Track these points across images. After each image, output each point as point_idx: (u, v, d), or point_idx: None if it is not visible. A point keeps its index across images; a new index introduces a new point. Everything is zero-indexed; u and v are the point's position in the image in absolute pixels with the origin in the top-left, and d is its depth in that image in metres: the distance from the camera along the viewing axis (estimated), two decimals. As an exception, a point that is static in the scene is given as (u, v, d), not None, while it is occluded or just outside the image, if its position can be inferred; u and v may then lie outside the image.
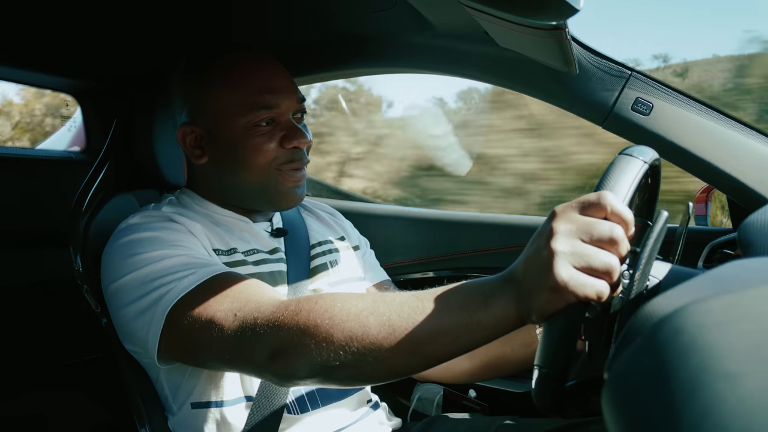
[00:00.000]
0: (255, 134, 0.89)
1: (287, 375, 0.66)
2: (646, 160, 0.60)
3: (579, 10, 0.62)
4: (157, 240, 0.81)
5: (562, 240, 0.52)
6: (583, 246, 0.52)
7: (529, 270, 0.55)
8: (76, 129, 1.64)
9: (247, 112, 0.88)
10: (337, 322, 0.62)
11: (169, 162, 1.12)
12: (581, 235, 0.52)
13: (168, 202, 0.96)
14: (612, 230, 0.52)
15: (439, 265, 1.48)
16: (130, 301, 0.79)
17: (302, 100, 0.95)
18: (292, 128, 0.91)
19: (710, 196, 1.31)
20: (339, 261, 1.04)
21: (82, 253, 0.95)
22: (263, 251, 0.94)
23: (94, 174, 1.07)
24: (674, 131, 1.02)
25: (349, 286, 1.02)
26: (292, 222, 1.04)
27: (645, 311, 0.44)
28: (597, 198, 0.53)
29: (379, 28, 1.16)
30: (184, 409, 0.88)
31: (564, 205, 0.55)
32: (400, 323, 0.59)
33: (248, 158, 0.90)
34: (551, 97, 1.11)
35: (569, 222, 0.53)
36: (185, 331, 0.74)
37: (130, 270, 0.79)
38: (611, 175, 0.58)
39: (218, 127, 0.91)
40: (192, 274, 0.76)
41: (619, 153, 0.61)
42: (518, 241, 1.41)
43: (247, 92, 0.88)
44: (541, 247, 0.54)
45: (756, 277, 0.41)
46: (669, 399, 0.32)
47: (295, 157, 0.92)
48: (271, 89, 0.89)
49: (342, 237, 1.10)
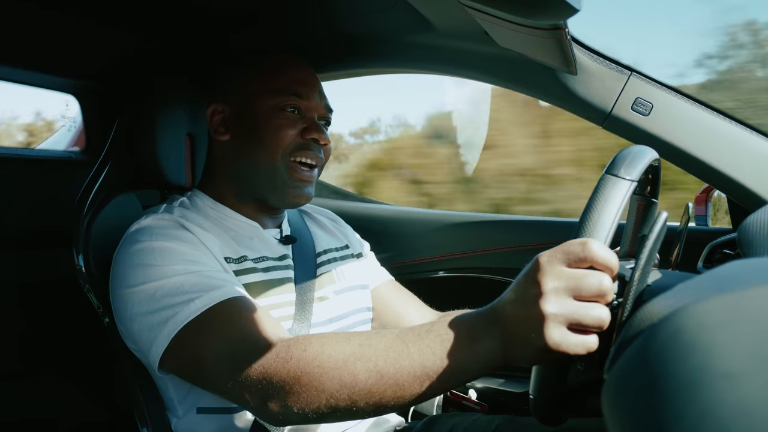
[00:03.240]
0: (280, 116, 0.94)
1: (280, 419, 0.69)
2: (633, 178, 0.57)
3: (579, 10, 0.62)
4: (168, 252, 0.81)
5: (552, 301, 0.53)
6: (573, 306, 0.53)
7: (519, 325, 0.55)
8: (76, 129, 1.64)
9: (280, 94, 0.94)
10: (327, 370, 0.64)
11: (170, 162, 1.12)
12: (570, 292, 0.53)
13: (180, 203, 0.96)
14: (600, 284, 0.53)
15: (444, 264, 1.48)
16: (136, 314, 0.80)
17: (329, 109, 1.00)
18: (315, 124, 0.96)
19: (710, 196, 1.31)
20: (343, 269, 1.05)
21: (84, 252, 0.95)
22: (272, 258, 0.95)
23: (96, 174, 1.08)
24: (674, 131, 1.02)
25: (353, 294, 1.03)
26: (299, 230, 1.05)
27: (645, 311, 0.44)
28: (582, 250, 0.53)
29: (379, 28, 1.16)
30: (190, 413, 0.88)
31: (548, 256, 0.55)
32: (387, 369, 0.62)
33: (268, 138, 0.93)
34: (551, 97, 1.11)
35: (556, 278, 0.53)
36: (186, 358, 0.77)
37: (140, 282, 0.80)
38: (594, 210, 0.56)
39: (249, 105, 0.95)
40: (198, 297, 0.77)
41: (605, 171, 0.58)
42: (521, 242, 1.41)
43: (284, 79, 0.95)
44: (530, 302, 0.54)
45: (756, 277, 0.41)
46: (669, 399, 0.32)
47: (311, 147, 0.95)
48: (304, 83, 0.96)
49: (345, 245, 1.12)
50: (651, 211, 0.82)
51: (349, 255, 1.09)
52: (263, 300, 0.88)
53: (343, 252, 1.09)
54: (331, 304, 0.97)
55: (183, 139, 1.14)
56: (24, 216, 1.30)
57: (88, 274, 0.95)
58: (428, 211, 1.62)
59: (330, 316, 0.96)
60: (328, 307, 0.96)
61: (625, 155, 0.59)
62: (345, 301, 1.00)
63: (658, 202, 0.77)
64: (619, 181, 0.56)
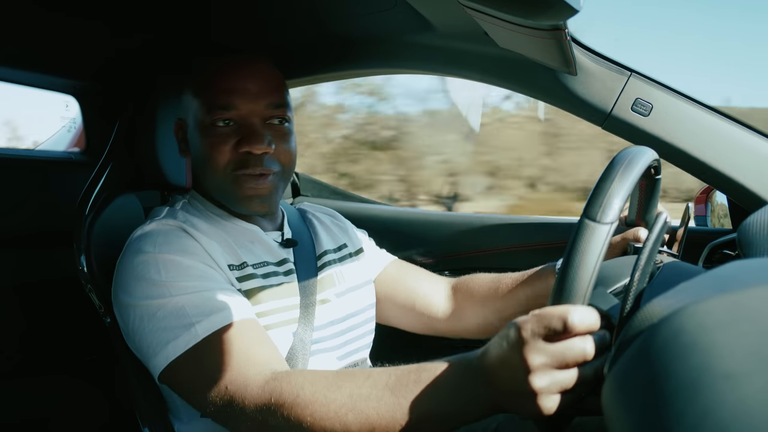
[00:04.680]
0: (213, 134, 0.89)
1: None
2: (612, 220, 0.56)
3: (579, 10, 0.62)
4: (172, 266, 0.81)
5: (541, 377, 0.54)
6: (561, 376, 0.55)
7: (511, 394, 0.57)
8: (76, 129, 1.64)
9: (208, 111, 0.89)
10: (317, 420, 0.66)
11: (171, 162, 1.12)
12: (557, 365, 0.55)
13: (181, 206, 0.95)
14: (584, 350, 0.54)
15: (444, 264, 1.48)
16: (137, 329, 0.80)
17: (275, 105, 0.91)
18: (251, 133, 0.89)
19: (710, 196, 1.31)
20: (343, 270, 1.04)
21: (86, 253, 0.96)
22: (272, 263, 0.94)
23: (97, 174, 1.08)
24: (674, 131, 1.02)
25: (354, 295, 1.03)
26: (299, 232, 1.04)
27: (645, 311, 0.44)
28: (562, 326, 0.54)
29: (379, 28, 1.16)
30: (195, 418, 0.88)
31: (530, 332, 0.55)
32: (379, 422, 0.64)
33: (207, 156, 0.90)
34: (551, 97, 1.11)
35: (542, 355, 0.55)
36: (181, 383, 0.79)
37: (143, 297, 0.80)
38: (572, 266, 0.55)
39: (192, 123, 0.94)
40: (199, 323, 0.77)
41: (583, 215, 0.56)
42: (522, 242, 1.41)
43: (211, 92, 0.90)
44: (519, 378, 0.55)
45: (756, 278, 0.41)
46: (669, 399, 0.32)
47: (249, 162, 0.89)
48: (232, 91, 0.89)
49: (344, 244, 1.11)
50: (655, 186, 0.83)
51: (348, 254, 1.09)
52: (265, 305, 0.88)
53: (343, 252, 1.09)
54: (333, 306, 0.97)
55: None
56: (24, 216, 1.30)
57: (89, 274, 0.95)
58: (428, 211, 1.63)
59: (332, 319, 0.96)
60: (329, 309, 0.96)
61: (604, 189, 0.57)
62: (346, 303, 1.00)
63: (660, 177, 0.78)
64: (597, 227, 0.55)
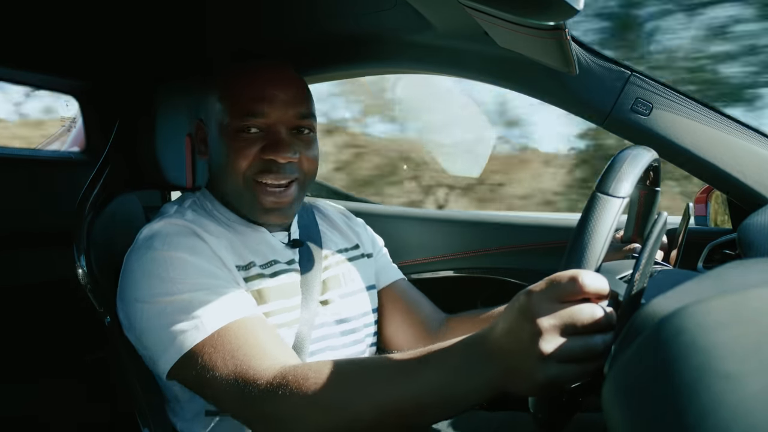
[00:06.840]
0: (240, 138, 0.90)
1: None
2: (624, 194, 0.56)
3: (579, 10, 0.62)
4: (181, 264, 0.81)
5: (549, 340, 0.53)
6: (570, 342, 0.53)
7: (516, 362, 0.56)
8: (75, 129, 1.64)
9: (239, 117, 0.90)
10: (328, 409, 0.67)
11: (171, 162, 1.12)
12: (566, 329, 0.53)
13: (190, 205, 0.96)
14: (593, 315, 0.53)
15: (444, 264, 1.48)
16: (146, 327, 0.81)
17: (303, 115, 0.93)
18: (277, 140, 0.90)
19: (710, 196, 1.31)
20: (351, 272, 1.04)
21: (86, 252, 0.96)
22: (279, 263, 0.95)
23: (97, 174, 1.08)
24: (674, 131, 1.02)
25: (358, 298, 1.03)
26: (308, 232, 1.04)
27: (646, 311, 0.44)
28: (573, 286, 0.53)
29: (379, 28, 1.16)
30: (197, 416, 0.88)
31: (540, 292, 0.55)
32: (388, 405, 0.64)
33: (230, 160, 0.91)
34: (551, 97, 1.11)
35: (551, 317, 0.54)
36: (192, 377, 0.78)
37: (151, 294, 0.80)
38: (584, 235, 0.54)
39: (217, 127, 0.93)
40: (207, 319, 0.78)
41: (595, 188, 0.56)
42: (522, 242, 1.41)
43: (242, 99, 0.91)
44: (526, 340, 0.54)
45: (756, 278, 0.41)
46: (670, 399, 0.32)
47: (271, 169, 0.90)
48: (263, 98, 0.90)
49: (356, 245, 1.10)
50: (654, 198, 0.81)
51: (358, 255, 1.09)
52: (270, 305, 0.88)
53: (353, 253, 1.08)
54: (336, 307, 0.97)
55: (184, 140, 1.14)
56: (24, 216, 1.30)
57: (89, 274, 0.95)
58: (428, 211, 1.63)
59: (334, 319, 0.96)
60: (333, 310, 0.96)
61: (616, 167, 0.58)
62: (350, 304, 1.00)
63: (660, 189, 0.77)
64: (609, 200, 0.55)
